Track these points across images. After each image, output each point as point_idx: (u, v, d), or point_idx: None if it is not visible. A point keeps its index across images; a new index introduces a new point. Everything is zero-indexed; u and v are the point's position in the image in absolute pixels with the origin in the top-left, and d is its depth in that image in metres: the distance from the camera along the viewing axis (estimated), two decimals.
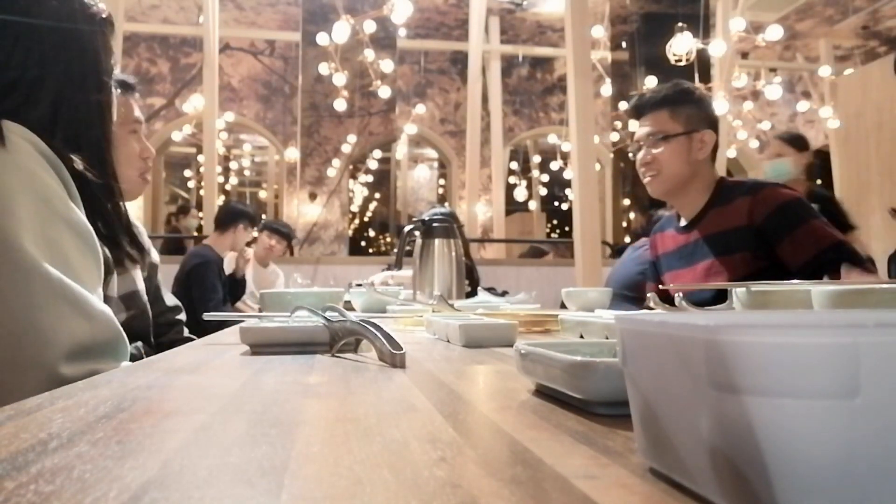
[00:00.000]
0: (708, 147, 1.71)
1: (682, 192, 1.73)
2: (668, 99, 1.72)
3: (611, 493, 0.26)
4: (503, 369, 0.67)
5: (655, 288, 1.81)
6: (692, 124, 1.70)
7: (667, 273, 1.80)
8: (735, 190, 1.65)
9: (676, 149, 1.69)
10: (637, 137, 1.76)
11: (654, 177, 1.72)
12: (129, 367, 0.67)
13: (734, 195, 1.63)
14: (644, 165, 1.73)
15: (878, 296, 0.70)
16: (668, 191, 1.73)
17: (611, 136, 7.95)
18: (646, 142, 1.72)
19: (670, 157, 1.69)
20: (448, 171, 10.05)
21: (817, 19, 7.94)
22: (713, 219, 1.67)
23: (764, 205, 1.56)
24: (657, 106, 1.73)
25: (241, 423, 0.40)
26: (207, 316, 1.10)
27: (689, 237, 1.72)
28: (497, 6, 8.28)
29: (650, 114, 1.73)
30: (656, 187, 1.73)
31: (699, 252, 1.68)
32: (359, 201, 10.00)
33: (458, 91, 9.39)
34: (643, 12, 7.57)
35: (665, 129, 1.70)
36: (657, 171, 1.71)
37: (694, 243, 1.70)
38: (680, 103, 1.71)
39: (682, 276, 1.72)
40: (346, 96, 5.97)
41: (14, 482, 0.28)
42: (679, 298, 1.06)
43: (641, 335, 0.28)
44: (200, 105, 5.89)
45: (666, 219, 1.90)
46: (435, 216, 1.85)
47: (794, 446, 0.20)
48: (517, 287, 4.46)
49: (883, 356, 0.19)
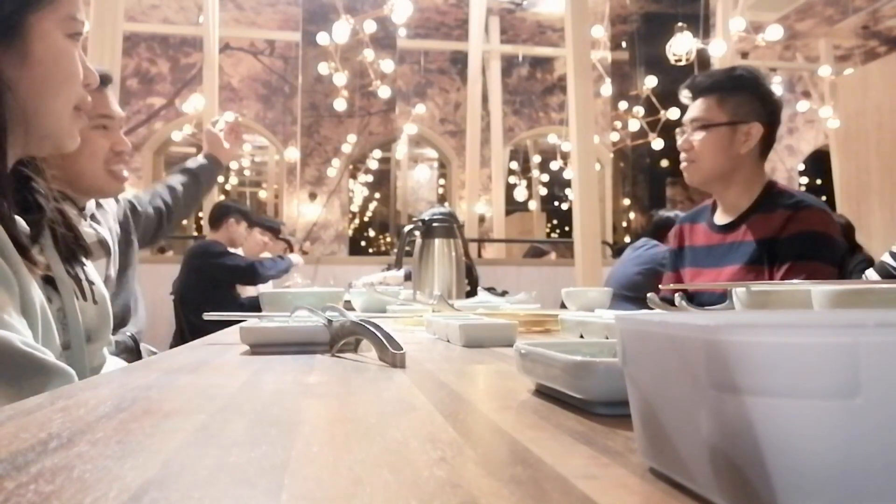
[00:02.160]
0: (753, 141, 1.58)
1: (721, 186, 1.63)
2: (719, 84, 1.61)
3: (611, 493, 0.26)
4: (503, 369, 0.67)
5: (673, 279, 1.76)
6: (740, 115, 1.58)
7: (689, 268, 1.71)
8: (780, 199, 1.55)
9: (717, 139, 1.59)
10: (683, 120, 1.66)
11: (689, 164, 1.63)
12: (129, 367, 0.67)
13: (778, 205, 1.54)
14: (682, 151, 1.64)
15: (878, 296, 0.70)
16: (704, 182, 1.64)
17: (611, 136, 7.96)
18: (688, 126, 1.63)
19: (708, 147, 1.59)
20: (448, 171, 10.05)
21: (817, 19, 7.94)
22: (755, 225, 1.56)
23: (797, 223, 1.49)
24: (707, 91, 1.62)
25: (241, 423, 0.40)
26: (208, 316, 1.10)
27: (724, 238, 1.62)
28: (497, 6, 8.28)
29: (699, 98, 1.63)
30: (691, 175, 1.64)
31: (731, 256, 1.58)
32: (359, 201, 10.00)
33: (458, 91, 9.39)
34: (643, 12, 7.57)
35: (709, 116, 1.59)
36: (693, 159, 1.62)
37: (728, 246, 1.61)
38: (732, 90, 1.59)
39: (705, 277, 1.63)
40: (346, 96, 5.97)
41: (14, 482, 0.28)
42: (679, 298, 1.06)
43: (641, 335, 0.28)
44: (200, 105, 5.89)
45: (698, 211, 1.79)
46: (434, 216, 1.84)
47: (794, 446, 0.20)
48: (517, 287, 4.45)
49: (883, 356, 0.19)
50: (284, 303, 1.17)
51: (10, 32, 0.75)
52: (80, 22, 0.82)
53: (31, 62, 0.76)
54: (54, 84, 0.79)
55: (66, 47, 0.80)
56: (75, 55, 0.82)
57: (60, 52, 0.80)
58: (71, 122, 0.83)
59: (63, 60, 0.80)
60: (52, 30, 0.78)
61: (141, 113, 8.72)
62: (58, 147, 0.83)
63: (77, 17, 0.82)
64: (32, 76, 0.77)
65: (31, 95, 0.77)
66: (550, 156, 8.36)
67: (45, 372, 0.67)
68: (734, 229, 1.61)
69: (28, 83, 0.77)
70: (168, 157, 10.17)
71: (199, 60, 7.49)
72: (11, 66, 0.75)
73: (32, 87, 0.77)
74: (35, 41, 0.77)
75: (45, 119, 0.79)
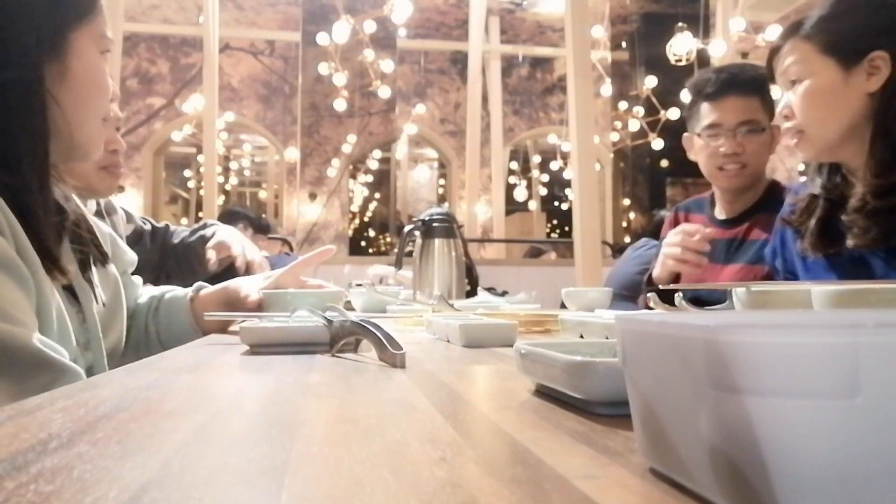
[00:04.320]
0: (775, 144, 1.57)
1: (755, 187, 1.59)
2: (760, 84, 1.52)
3: (611, 493, 0.26)
4: (503, 369, 0.67)
5: None
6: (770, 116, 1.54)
7: None
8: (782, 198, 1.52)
9: (765, 143, 1.55)
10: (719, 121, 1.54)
11: (740, 169, 1.54)
12: (128, 367, 0.67)
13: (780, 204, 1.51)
14: (728, 157, 1.54)
15: (878, 296, 0.70)
16: (748, 186, 1.57)
17: (611, 136, 7.96)
18: (734, 128, 1.53)
19: (759, 152, 1.54)
20: (448, 171, 10.05)
21: None
22: (759, 223, 1.54)
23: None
24: (749, 90, 1.54)
25: (241, 423, 0.40)
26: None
27: (724, 233, 1.59)
28: (497, 6, 8.29)
29: (739, 97, 1.54)
30: (739, 182, 1.56)
31: (733, 254, 1.57)
32: (359, 201, 9.99)
33: (458, 91, 9.40)
34: (643, 12, 7.58)
35: (759, 118, 1.53)
36: (743, 163, 1.54)
37: (730, 242, 1.58)
38: (767, 92, 1.54)
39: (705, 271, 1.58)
40: (346, 96, 5.98)
41: (14, 482, 0.28)
42: (679, 298, 1.06)
43: (641, 335, 0.28)
44: (200, 105, 5.89)
45: (694, 201, 1.77)
46: (433, 216, 1.84)
47: (794, 446, 0.20)
48: (517, 287, 4.45)
49: (883, 356, 0.19)
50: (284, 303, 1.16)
51: (55, 49, 0.79)
52: (110, 39, 0.89)
53: (70, 77, 0.81)
54: (89, 98, 0.85)
55: (99, 63, 0.86)
56: (106, 70, 0.89)
57: (95, 67, 0.85)
58: (99, 133, 0.89)
59: (97, 75, 0.86)
60: (89, 46, 0.84)
61: (141, 113, 8.72)
62: (85, 156, 0.89)
63: (107, 34, 0.88)
64: (71, 90, 0.81)
65: (69, 108, 0.81)
66: (550, 156, 8.37)
67: (52, 370, 0.68)
68: (736, 225, 1.59)
69: (67, 97, 0.81)
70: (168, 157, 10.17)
71: (199, 60, 7.50)
72: (54, 80, 0.79)
73: (70, 100, 0.81)
74: (74, 57, 0.81)
75: (79, 130, 0.83)
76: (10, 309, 0.67)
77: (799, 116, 1.19)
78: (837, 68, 1.15)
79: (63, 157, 0.85)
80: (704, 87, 1.60)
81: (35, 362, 0.67)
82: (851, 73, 1.14)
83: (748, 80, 1.56)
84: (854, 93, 1.14)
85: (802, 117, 1.19)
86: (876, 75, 1.13)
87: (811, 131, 1.19)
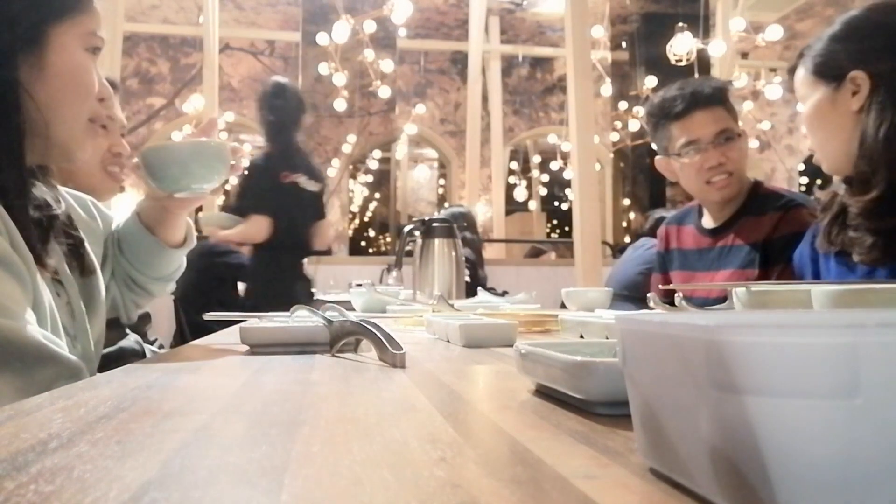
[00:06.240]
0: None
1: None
2: (722, 94, 1.59)
3: (611, 493, 0.26)
4: (503, 369, 0.67)
5: (662, 280, 1.75)
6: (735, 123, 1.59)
7: (679, 271, 1.70)
8: (769, 202, 1.55)
9: (742, 148, 1.58)
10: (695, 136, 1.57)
11: (727, 179, 1.56)
12: (128, 367, 0.67)
13: (767, 207, 1.54)
14: (713, 169, 1.55)
15: (878, 296, 0.70)
16: (737, 193, 1.58)
17: (611, 136, 7.96)
18: (712, 140, 1.56)
19: (740, 158, 1.57)
20: (448, 171, 10.05)
21: (817, 19, 7.93)
22: (745, 228, 1.56)
23: (788, 223, 1.48)
24: (714, 102, 1.57)
25: (241, 423, 0.40)
26: (208, 316, 1.10)
27: (714, 242, 1.62)
28: (497, 6, 8.28)
29: (707, 110, 1.57)
30: (730, 191, 1.57)
31: (723, 260, 1.58)
32: (359, 201, 10.00)
33: (458, 91, 9.39)
34: (643, 12, 7.57)
35: (731, 126, 1.57)
36: (729, 172, 1.56)
37: (719, 250, 1.60)
38: (728, 100, 1.59)
39: (698, 281, 1.62)
40: (346, 96, 5.98)
41: (14, 482, 0.28)
42: (679, 298, 1.06)
43: (641, 335, 0.28)
44: (200, 105, 5.89)
45: (684, 212, 1.78)
46: (454, 214, 1.84)
47: (794, 446, 0.20)
48: (517, 287, 4.45)
49: (883, 356, 0.19)
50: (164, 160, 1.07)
51: (31, 42, 0.77)
52: (100, 38, 0.85)
53: (48, 73, 0.79)
54: (69, 95, 0.82)
55: (83, 61, 0.82)
56: (92, 69, 0.84)
57: (77, 65, 0.82)
58: (83, 133, 0.85)
59: (79, 73, 0.82)
60: (72, 43, 0.81)
61: (141, 113, 8.71)
62: (67, 157, 0.86)
63: (97, 32, 0.84)
64: (49, 86, 0.79)
65: (47, 105, 0.79)
66: (550, 156, 8.37)
67: (55, 363, 0.69)
68: (723, 233, 1.60)
69: (44, 93, 0.78)
70: None
71: (199, 60, 7.49)
72: (30, 74, 0.77)
73: (48, 96, 0.79)
74: (54, 53, 0.79)
75: (58, 129, 0.80)
76: (10, 304, 0.68)
77: (808, 137, 1.27)
78: (826, 90, 1.21)
79: (41, 156, 0.83)
80: (672, 108, 1.60)
81: (38, 355, 0.68)
82: (839, 94, 1.20)
83: (712, 92, 1.58)
84: (842, 112, 1.19)
85: (809, 137, 1.27)
86: (858, 94, 1.18)
87: (818, 150, 1.25)
